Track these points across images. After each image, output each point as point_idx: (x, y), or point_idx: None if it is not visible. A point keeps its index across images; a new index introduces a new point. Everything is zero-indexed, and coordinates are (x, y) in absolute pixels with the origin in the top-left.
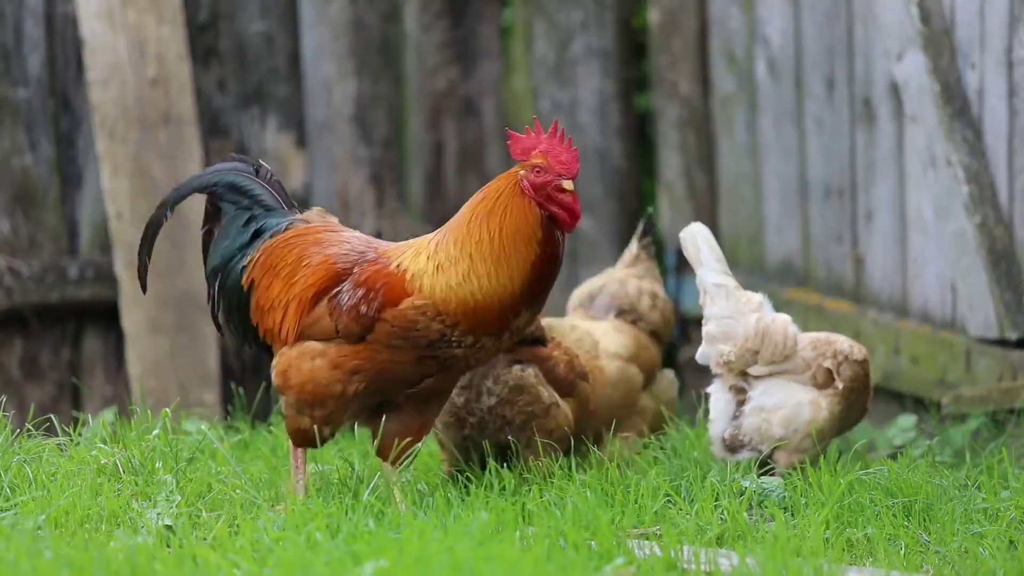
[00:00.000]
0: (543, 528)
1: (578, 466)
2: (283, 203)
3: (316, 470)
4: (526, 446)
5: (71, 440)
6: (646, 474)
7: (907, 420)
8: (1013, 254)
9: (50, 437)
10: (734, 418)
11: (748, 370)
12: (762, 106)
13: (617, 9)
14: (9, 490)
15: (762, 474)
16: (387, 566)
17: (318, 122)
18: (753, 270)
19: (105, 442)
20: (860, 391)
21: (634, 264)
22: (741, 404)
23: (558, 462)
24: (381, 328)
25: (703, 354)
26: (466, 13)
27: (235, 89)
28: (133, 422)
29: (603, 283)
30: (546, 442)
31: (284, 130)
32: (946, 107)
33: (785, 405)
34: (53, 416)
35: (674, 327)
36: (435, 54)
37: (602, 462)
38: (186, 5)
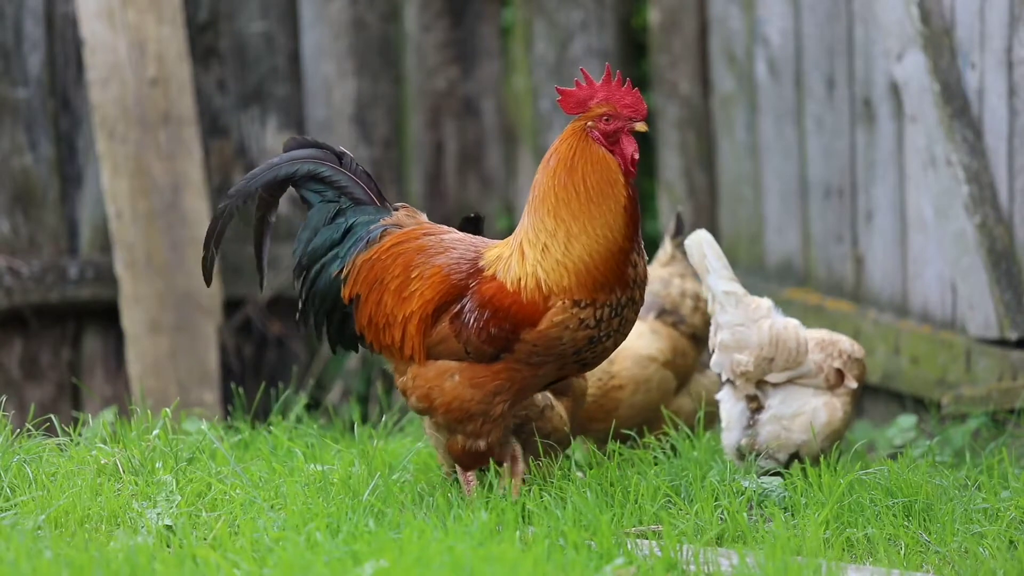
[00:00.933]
0: (543, 528)
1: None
2: (373, 196)
3: (316, 470)
4: (524, 447)
5: (71, 440)
6: (646, 474)
7: (907, 420)
8: (1013, 254)
9: (50, 437)
10: (748, 427)
11: (766, 378)
12: (762, 106)
13: (617, 9)
14: (9, 490)
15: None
16: (387, 566)
17: (318, 122)
18: (753, 270)
19: (105, 442)
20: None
21: (671, 263)
22: (756, 412)
23: (558, 462)
24: (521, 348)
25: (717, 363)
26: (466, 13)
27: (235, 89)
28: (133, 422)
29: None
30: (545, 443)
31: (284, 130)
32: (946, 107)
33: (803, 411)
34: (53, 416)
35: None
36: (435, 54)
37: (602, 462)
38: (186, 5)
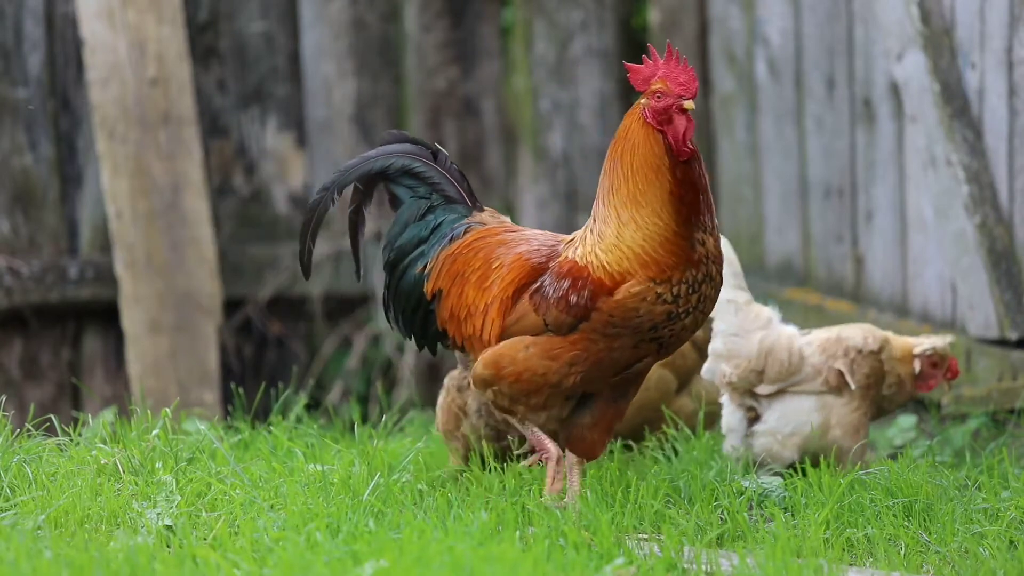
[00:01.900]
0: (543, 528)
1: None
2: (465, 196)
3: (316, 470)
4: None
5: (71, 440)
6: (645, 474)
7: (907, 420)
8: (1013, 254)
9: (50, 437)
10: (747, 435)
11: (756, 390)
12: (762, 106)
13: (617, 9)
14: (9, 490)
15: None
16: (387, 566)
17: (318, 122)
18: (753, 270)
19: (105, 442)
20: (877, 380)
21: None
22: (753, 421)
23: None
24: (597, 318)
25: (709, 370)
26: (466, 13)
27: (235, 89)
28: (133, 422)
29: None
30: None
31: (284, 130)
32: (946, 107)
33: (798, 432)
34: (53, 416)
35: None
36: (435, 54)
37: (602, 462)
38: (186, 5)
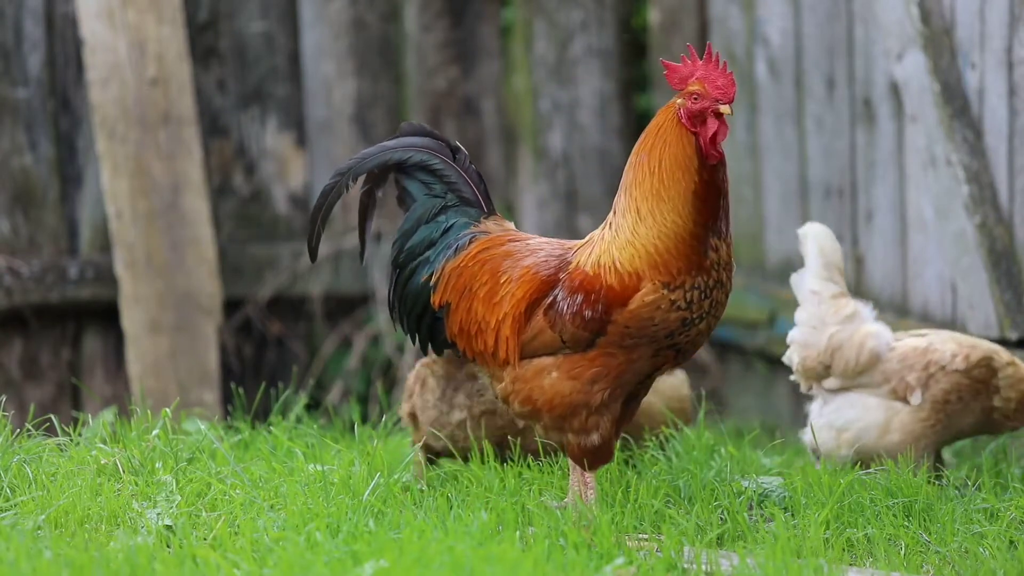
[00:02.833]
0: (543, 528)
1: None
2: (481, 198)
3: (316, 470)
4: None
5: (71, 440)
6: (645, 474)
7: None
8: (1013, 254)
9: (50, 437)
10: (809, 428)
11: (822, 383)
12: (762, 106)
13: (617, 9)
14: (9, 490)
15: None
16: (387, 566)
17: (318, 122)
18: (753, 270)
19: (105, 442)
20: (969, 398)
21: None
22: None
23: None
24: (614, 330)
25: (788, 357)
26: (466, 13)
27: (235, 89)
28: (133, 422)
29: None
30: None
31: (284, 130)
32: (946, 107)
33: (850, 428)
34: (53, 416)
35: None
36: (435, 54)
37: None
38: (186, 5)
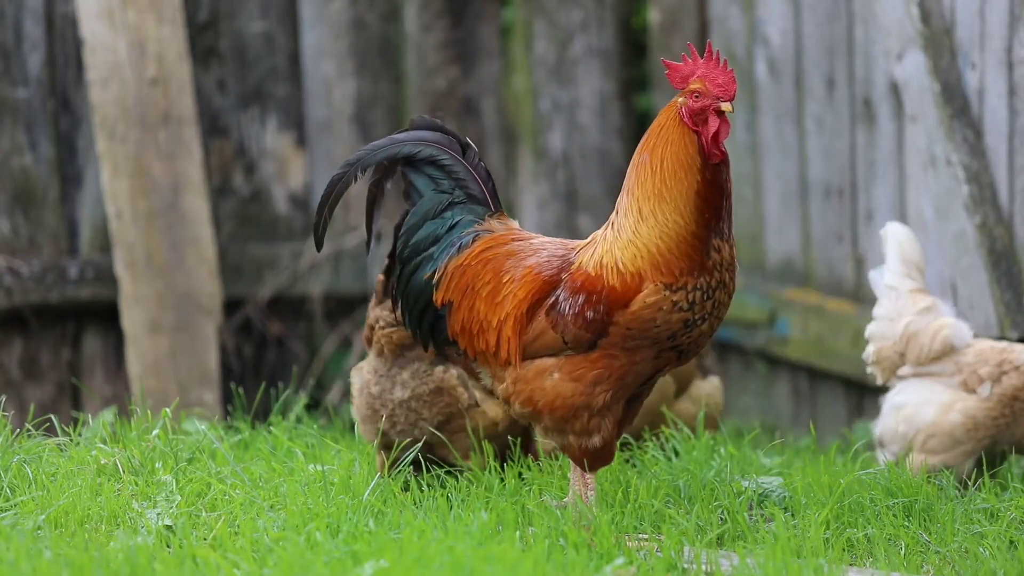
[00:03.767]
0: (543, 528)
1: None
2: (489, 196)
3: (316, 470)
4: (446, 447)
5: (71, 440)
6: (645, 474)
7: None
8: (1013, 254)
9: (50, 437)
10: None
11: (897, 372)
12: (762, 106)
13: (617, 9)
14: (9, 490)
15: None
16: (387, 566)
17: (318, 122)
18: (753, 270)
19: (105, 442)
20: None
21: None
22: None
23: (493, 460)
24: (615, 332)
25: (867, 352)
26: (466, 13)
27: (235, 89)
28: (133, 422)
29: None
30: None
31: (284, 130)
32: (946, 107)
33: (909, 404)
34: (53, 416)
35: None
36: (435, 54)
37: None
38: (186, 5)
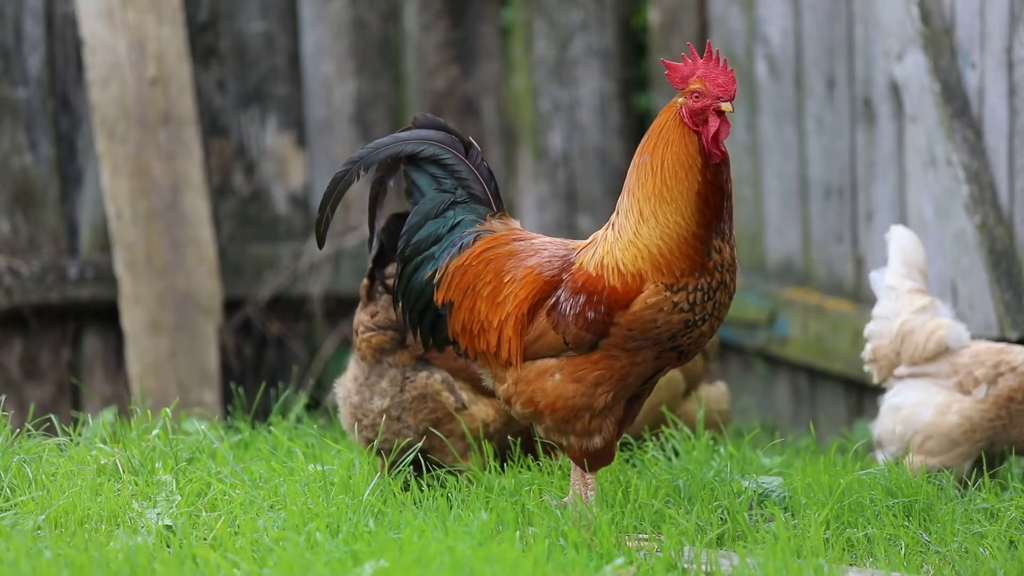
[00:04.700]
0: (543, 528)
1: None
2: (491, 196)
3: (316, 470)
4: (439, 451)
5: (71, 440)
6: (645, 474)
7: None
8: (1013, 254)
9: (50, 437)
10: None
11: (894, 372)
12: (762, 106)
13: (617, 9)
14: (9, 490)
15: None
16: (387, 566)
17: (318, 122)
18: (753, 270)
19: (105, 442)
20: None
21: None
22: None
23: (489, 462)
24: (616, 332)
25: (865, 350)
26: (466, 13)
27: (235, 89)
28: (133, 422)
29: None
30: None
31: (284, 130)
32: (946, 107)
33: (906, 405)
34: (53, 416)
35: None
36: (435, 54)
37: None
38: (186, 5)
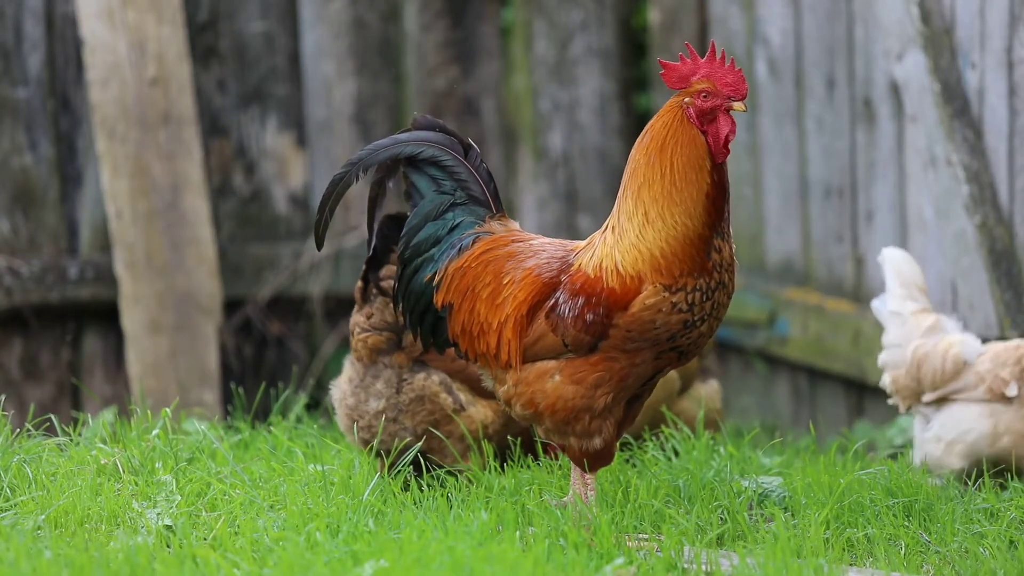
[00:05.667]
0: (543, 528)
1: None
2: (491, 198)
3: (316, 470)
4: (438, 452)
5: (71, 440)
6: (645, 474)
7: (908, 420)
8: (1013, 254)
9: (50, 437)
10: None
11: (921, 398)
12: (762, 106)
13: (617, 9)
14: (9, 490)
15: None
16: (387, 566)
17: (318, 122)
18: (753, 270)
19: (105, 442)
20: None
21: None
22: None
23: (488, 462)
24: (616, 334)
25: (884, 381)
26: (466, 13)
27: (235, 89)
28: (133, 422)
29: None
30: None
31: (284, 130)
32: (946, 107)
33: (961, 440)
34: (53, 416)
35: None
36: (435, 54)
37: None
38: (186, 5)
